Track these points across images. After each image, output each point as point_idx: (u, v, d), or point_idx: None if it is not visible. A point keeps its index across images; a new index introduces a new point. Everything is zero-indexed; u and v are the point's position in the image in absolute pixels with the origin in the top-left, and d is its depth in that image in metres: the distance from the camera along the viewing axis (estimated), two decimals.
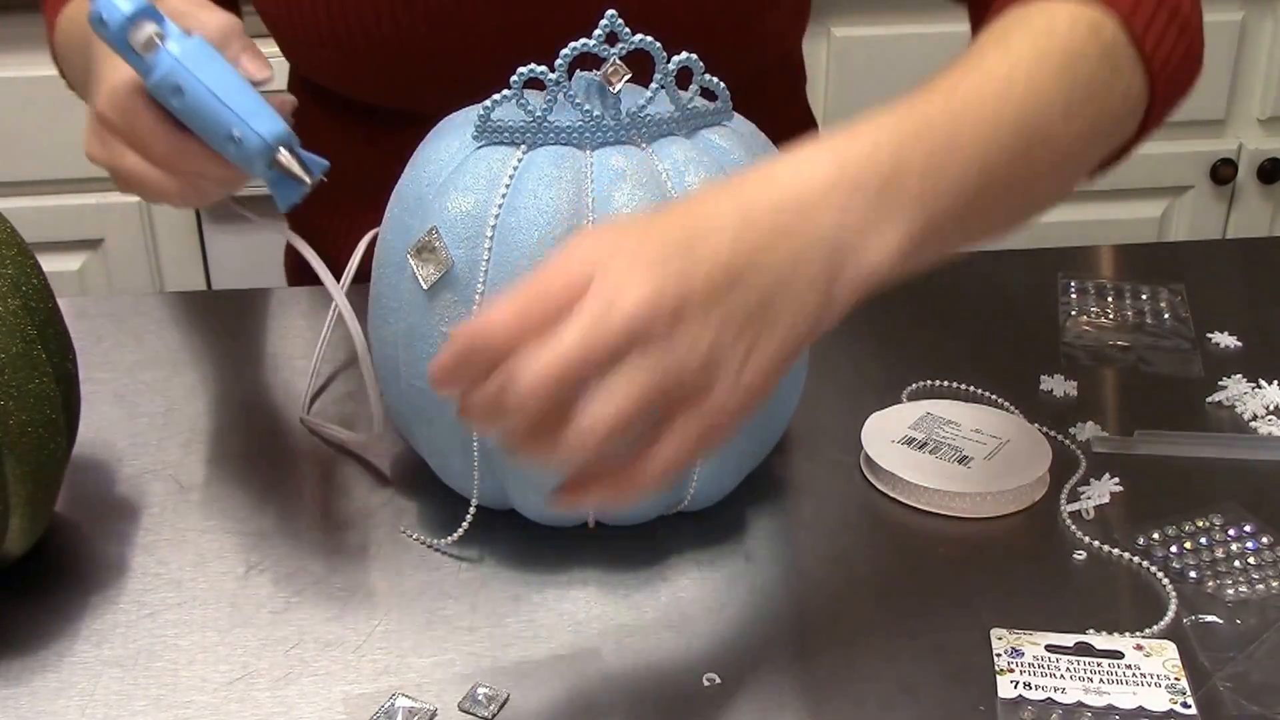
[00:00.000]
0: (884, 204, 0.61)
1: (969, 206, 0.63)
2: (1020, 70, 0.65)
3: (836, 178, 0.60)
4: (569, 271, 0.57)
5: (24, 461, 0.70)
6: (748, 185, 0.61)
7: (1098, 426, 0.88)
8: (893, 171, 0.61)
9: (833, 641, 0.71)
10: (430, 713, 0.66)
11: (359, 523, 0.80)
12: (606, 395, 0.56)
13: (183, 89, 0.70)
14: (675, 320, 0.56)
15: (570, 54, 0.70)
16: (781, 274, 0.58)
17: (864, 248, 0.60)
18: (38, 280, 0.73)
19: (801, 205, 0.60)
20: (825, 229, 0.60)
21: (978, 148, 0.63)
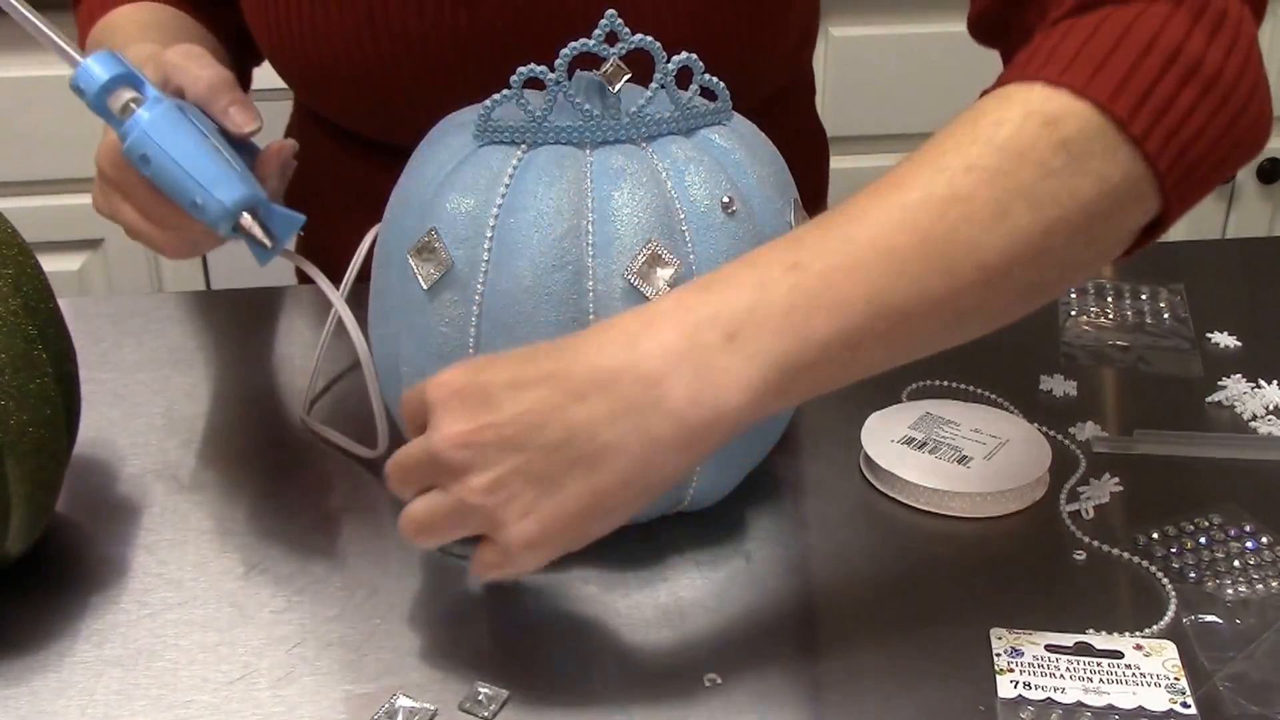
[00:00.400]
0: (732, 349, 0.60)
1: (858, 333, 0.61)
2: (939, 181, 0.62)
3: (668, 340, 0.61)
4: (420, 399, 0.64)
5: (24, 461, 0.70)
6: (586, 344, 0.63)
7: (1098, 426, 0.88)
8: (746, 314, 0.60)
9: (833, 641, 0.71)
10: (431, 713, 0.66)
11: (359, 522, 0.80)
12: (415, 504, 0.65)
13: (149, 158, 0.72)
14: (471, 458, 0.62)
15: (570, 54, 0.70)
16: (581, 434, 0.61)
17: (700, 400, 0.60)
18: (38, 280, 0.73)
19: (623, 369, 0.61)
20: (650, 393, 0.60)
21: (860, 274, 0.61)
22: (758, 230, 0.74)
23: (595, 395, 0.61)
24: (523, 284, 0.70)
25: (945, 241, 0.61)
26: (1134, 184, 0.64)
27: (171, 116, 0.73)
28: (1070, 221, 0.63)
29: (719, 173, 0.73)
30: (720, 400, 0.60)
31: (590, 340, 0.62)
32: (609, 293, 0.70)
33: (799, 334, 0.60)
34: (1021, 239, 0.62)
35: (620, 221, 0.71)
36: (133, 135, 0.72)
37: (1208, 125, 0.64)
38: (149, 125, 0.72)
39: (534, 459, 0.61)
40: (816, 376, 0.62)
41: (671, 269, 0.70)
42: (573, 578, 0.75)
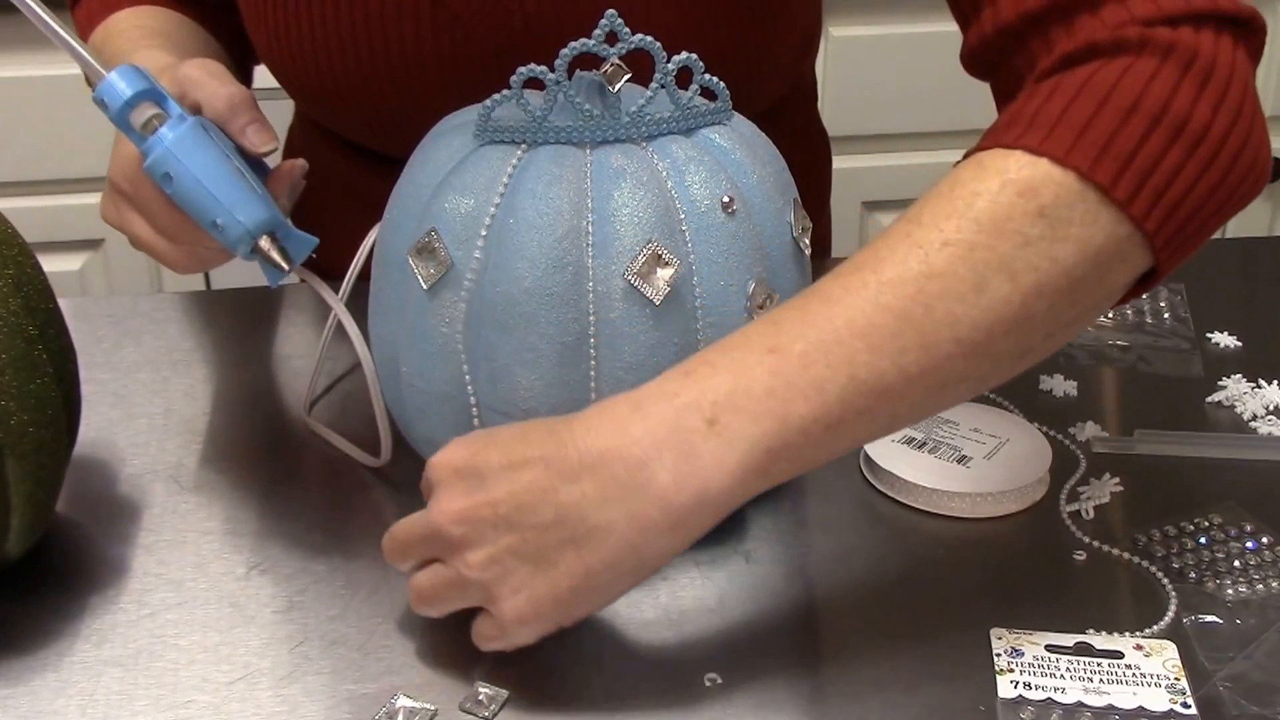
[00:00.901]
0: (713, 434, 0.61)
1: (839, 410, 0.61)
2: (914, 257, 0.62)
3: (653, 425, 0.62)
4: (430, 472, 0.67)
5: (24, 461, 0.70)
6: (573, 422, 0.64)
7: (1098, 426, 0.88)
8: (727, 397, 0.61)
9: (833, 641, 0.71)
10: (431, 713, 0.66)
11: (360, 522, 0.80)
12: (420, 575, 0.68)
13: (171, 176, 0.73)
14: (468, 534, 0.64)
15: (570, 54, 0.70)
16: (571, 515, 0.62)
17: (684, 484, 0.61)
18: (38, 280, 0.73)
19: (608, 454, 0.62)
20: (635, 476, 0.62)
21: (837, 354, 0.61)
22: (758, 230, 0.74)
23: (585, 477, 0.62)
24: (522, 284, 0.70)
25: (922, 318, 0.62)
26: (1118, 245, 0.64)
27: (195, 136, 0.73)
28: (1052, 287, 0.63)
29: (719, 172, 0.73)
30: (704, 484, 0.62)
31: (583, 421, 0.64)
32: (609, 293, 0.70)
33: (778, 416, 0.61)
34: (1000, 309, 0.62)
35: (620, 221, 0.71)
36: (155, 153, 0.73)
37: (1198, 181, 0.64)
38: (174, 145, 0.72)
39: (527, 537, 0.63)
40: (799, 457, 0.63)
41: (671, 269, 0.70)
42: None
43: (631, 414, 0.63)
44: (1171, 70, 0.65)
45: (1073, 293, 0.64)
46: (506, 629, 0.65)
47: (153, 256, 0.80)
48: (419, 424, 0.77)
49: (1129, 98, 0.64)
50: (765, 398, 0.61)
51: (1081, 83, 0.65)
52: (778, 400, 0.61)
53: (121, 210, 0.79)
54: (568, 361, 0.71)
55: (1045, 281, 0.63)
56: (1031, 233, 0.62)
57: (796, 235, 0.76)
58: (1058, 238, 0.62)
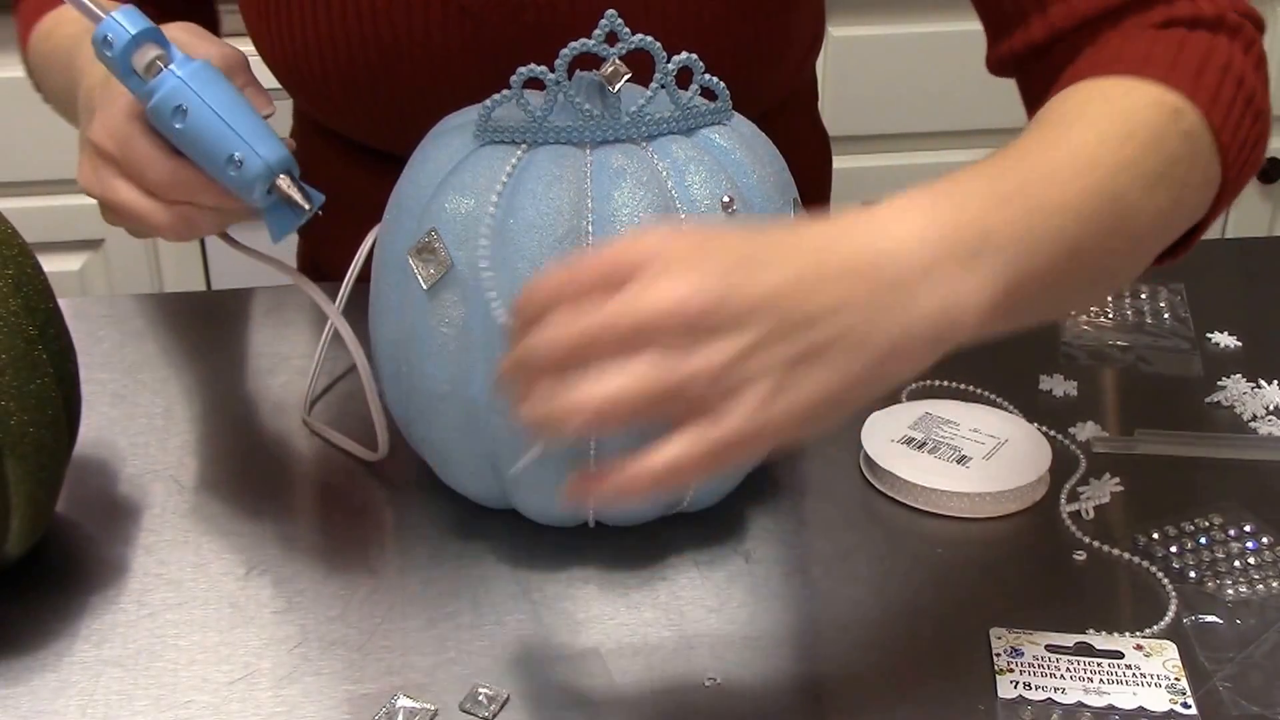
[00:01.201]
0: (975, 266, 0.59)
1: (1053, 275, 0.62)
2: (1107, 146, 0.65)
3: (925, 235, 0.58)
4: (625, 253, 0.56)
5: (24, 461, 0.70)
6: (832, 229, 0.59)
7: (1098, 426, 0.88)
8: (984, 233, 0.60)
9: (832, 641, 0.71)
10: (431, 713, 0.66)
11: (360, 523, 0.80)
12: (604, 378, 0.55)
13: (186, 109, 0.69)
14: (699, 330, 0.55)
15: (570, 54, 0.70)
16: (843, 323, 0.56)
17: (948, 308, 0.58)
18: (38, 280, 0.73)
19: (881, 258, 0.58)
20: (908, 286, 0.58)
21: (1067, 216, 0.62)
22: None
23: (852, 279, 0.57)
24: (523, 284, 0.70)
25: (1115, 205, 0.64)
26: (1211, 184, 0.70)
27: (208, 70, 0.70)
28: (1183, 205, 0.69)
29: (719, 172, 0.73)
30: (962, 313, 0.59)
31: (831, 227, 0.59)
32: None
33: (1022, 265, 0.60)
34: (1157, 214, 0.67)
35: (620, 221, 0.71)
36: (167, 87, 0.69)
37: (1255, 149, 0.72)
38: (189, 77, 0.69)
39: (782, 336, 0.55)
40: (1020, 310, 0.62)
41: None
42: (573, 577, 0.75)
43: (895, 219, 0.59)
44: (1239, 48, 0.72)
45: (1185, 216, 0.70)
46: (743, 441, 0.56)
47: (137, 224, 0.75)
48: (419, 424, 0.77)
49: (1222, 59, 0.70)
50: (1015, 243, 0.60)
51: (1180, 40, 0.71)
52: (1024, 249, 0.60)
53: (103, 175, 0.74)
54: None
55: (1180, 198, 0.68)
56: (1180, 151, 0.67)
57: None
58: (1194, 163, 0.68)
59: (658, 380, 0.55)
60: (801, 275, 0.56)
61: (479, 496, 0.79)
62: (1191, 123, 0.68)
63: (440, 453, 0.77)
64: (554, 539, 0.78)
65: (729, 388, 0.55)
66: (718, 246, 0.57)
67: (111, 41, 0.69)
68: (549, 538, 0.78)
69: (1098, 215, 0.63)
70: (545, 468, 0.73)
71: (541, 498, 0.76)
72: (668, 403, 0.55)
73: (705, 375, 0.55)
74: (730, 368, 0.55)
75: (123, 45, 0.69)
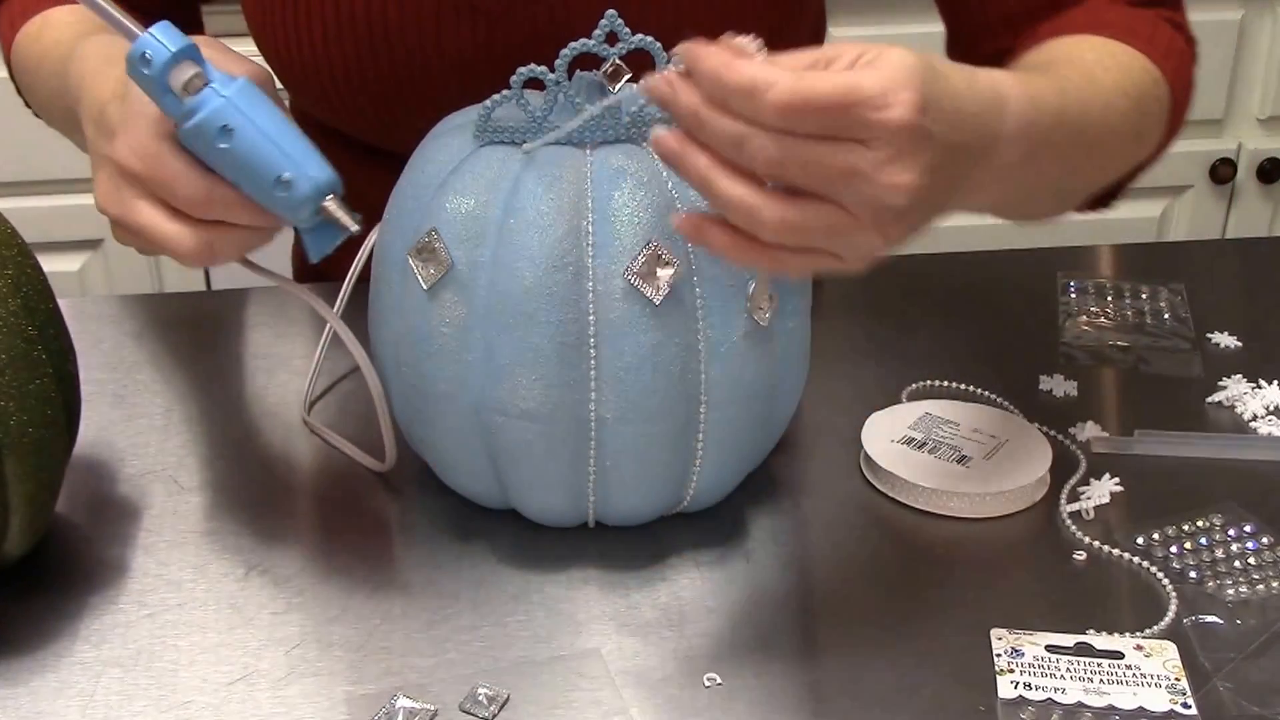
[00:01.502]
0: (1028, 148, 0.69)
1: (1058, 180, 0.77)
2: (1118, 95, 0.80)
3: (1018, 96, 0.68)
4: (863, 98, 0.59)
5: (24, 461, 0.70)
6: (970, 74, 0.66)
7: (1098, 426, 0.88)
8: (1035, 123, 0.69)
9: (832, 641, 0.71)
10: (431, 713, 0.66)
11: (360, 523, 0.80)
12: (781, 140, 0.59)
13: (233, 129, 0.67)
14: (917, 136, 0.59)
15: (570, 54, 0.70)
16: (966, 162, 0.65)
17: (998, 183, 0.69)
18: (38, 280, 0.73)
19: (993, 102, 0.66)
20: (995, 139, 0.66)
21: (1088, 134, 0.76)
22: None
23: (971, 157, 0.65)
24: (523, 284, 0.70)
25: (1114, 136, 0.80)
26: (1152, 146, 0.86)
27: (251, 89, 0.68)
28: (1152, 145, 0.86)
29: None
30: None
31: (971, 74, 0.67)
32: (609, 293, 0.70)
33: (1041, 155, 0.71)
34: (1133, 147, 0.84)
35: (621, 221, 0.71)
36: (211, 107, 0.67)
37: (1178, 126, 0.89)
38: (235, 96, 0.67)
39: (956, 166, 0.63)
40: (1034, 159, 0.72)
41: (672, 269, 0.70)
42: (573, 578, 0.75)
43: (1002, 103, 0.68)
44: (1183, 36, 0.88)
45: (1131, 158, 0.85)
46: (874, 245, 0.62)
47: (158, 247, 0.73)
48: (419, 424, 0.77)
49: (1179, 44, 0.87)
50: (1047, 135, 0.71)
51: (1155, 20, 0.87)
52: (1047, 143, 0.71)
53: (125, 195, 0.72)
54: (568, 361, 0.71)
55: (1139, 140, 0.84)
56: (1151, 107, 0.84)
57: None
58: (1153, 121, 0.84)
59: (848, 163, 0.59)
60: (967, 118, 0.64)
61: (479, 497, 0.79)
62: (1164, 90, 0.84)
63: (440, 453, 0.77)
64: (554, 539, 0.78)
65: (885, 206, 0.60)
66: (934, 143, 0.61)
67: (150, 59, 0.67)
68: (549, 538, 0.78)
69: (1099, 144, 0.79)
70: (545, 468, 0.73)
71: (541, 498, 0.76)
72: (823, 178, 0.59)
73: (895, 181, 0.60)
74: (912, 179, 0.60)
75: (162, 63, 0.67)
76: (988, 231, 1.88)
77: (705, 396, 0.73)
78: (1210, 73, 1.93)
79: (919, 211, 0.62)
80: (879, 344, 0.98)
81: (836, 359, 0.94)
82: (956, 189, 0.65)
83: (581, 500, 0.76)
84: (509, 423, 0.72)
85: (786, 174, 0.59)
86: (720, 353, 0.72)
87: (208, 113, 0.67)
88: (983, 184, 0.67)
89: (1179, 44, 0.87)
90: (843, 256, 0.63)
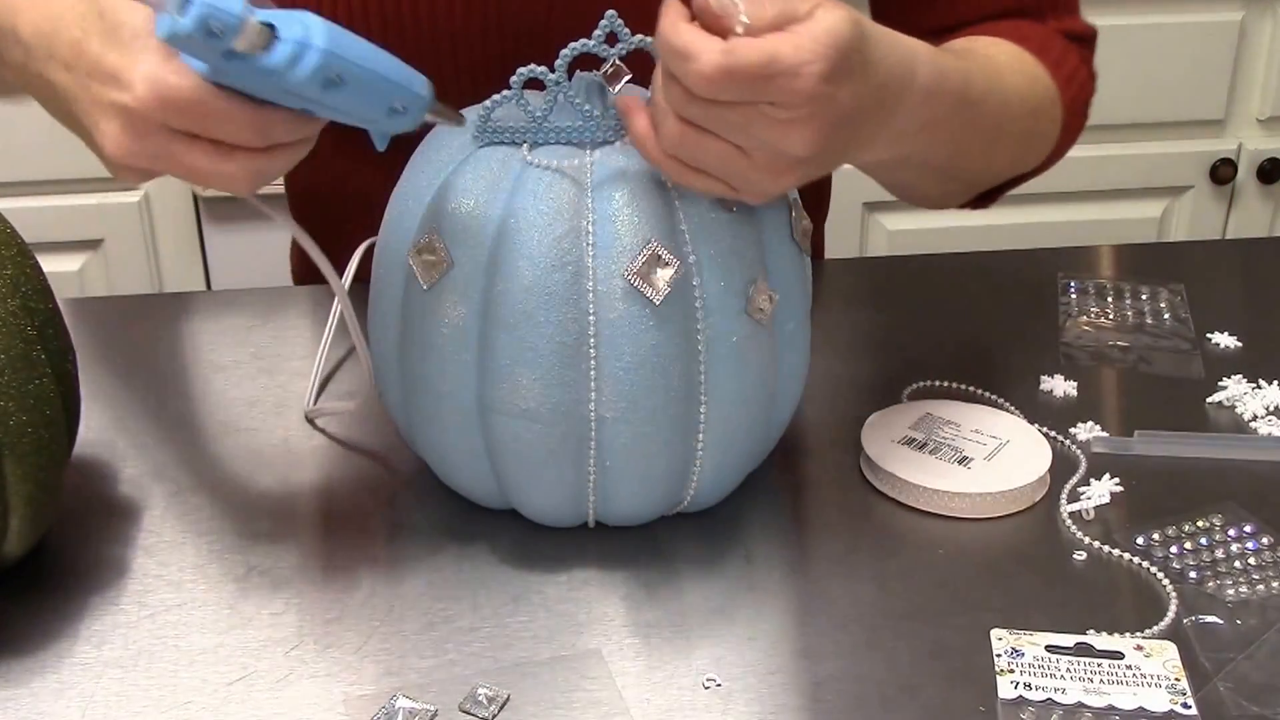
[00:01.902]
0: (928, 117, 0.75)
1: (947, 159, 0.85)
2: (1017, 98, 0.88)
3: (928, 71, 0.74)
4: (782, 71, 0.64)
5: (24, 462, 0.70)
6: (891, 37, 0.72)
7: (1098, 427, 0.88)
8: (937, 95, 0.76)
9: (832, 642, 0.71)
10: (431, 713, 0.66)
11: (359, 524, 0.80)
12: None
13: (342, 80, 0.63)
14: (833, 75, 0.65)
15: (570, 54, 0.70)
16: (871, 118, 0.70)
17: (898, 141, 0.75)
18: (38, 280, 0.73)
19: (905, 71, 0.72)
20: (899, 105, 0.72)
21: (982, 123, 0.83)
22: (758, 229, 0.74)
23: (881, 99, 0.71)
24: (523, 283, 0.70)
25: (1005, 131, 0.88)
26: (1037, 160, 0.95)
27: (333, 30, 0.62)
28: (1036, 155, 0.95)
29: None
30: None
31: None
32: (609, 292, 0.70)
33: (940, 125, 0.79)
34: (1019, 150, 0.93)
35: (620, 221, 0.71)
36: (310, 64, 0.61)
37: (1063, 151, 0.98)
38: (331, 43, 0.61)
39: (857, 114, 0.68)
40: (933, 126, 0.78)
41: (671, 269, 0.70)
42: (573, 578, 0.75)
43: (914, 58, 0.74)
44: (1087, 70, 0.98)
45: (1017, 160, 0.94)
46: (775, 178, 0.68)
47: (206, 184, 0.68)
48: (419, 424, 0.77)
49: (1084, 75, 0.96)
50: (946, 112, 0.78)
51: (1067, 47, 0.95)
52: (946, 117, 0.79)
53: (157, 142, 0.65)
54: (568, 361, 0.71)
55: (1026, 146, 0.93)
56: (1046, 124, 0.93)
57: (796, 236, 0.76)
58: (1043, 136, 0.94)
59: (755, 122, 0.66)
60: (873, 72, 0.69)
61: (479, 496, 0.79)
62: (1057, 111, 0.93)
63: (440, 453, 0.77)
64: (554, 539, 0.78)
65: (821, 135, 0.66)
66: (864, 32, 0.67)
67: (221, 32, 0.60)
68: (549, 538, 0.78)
69: (995, 117, 0.85)
70: (545, 468, 0.73)
71: (542, 498, 0.76)
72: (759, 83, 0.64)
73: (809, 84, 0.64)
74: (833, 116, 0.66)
75: (234, 29, 0.60)
76: (988, 232, 1.88)
77: (705, 396, 0.73)
78: (1211, 73, 1.94)
79: (814, 163, 0.68)
80: (879, 344, 0.98)
81: (836, 359, 0.94)
82: (853, 146, 0.70)
83: (582, 500, 0.76)
84: (509, 422, 0.72)
85: (695, 118, 0.66)
86: (720, 353, 0.72)
87: (309, 71, 0.62)
88: (877, 142, 0.73)
89: (1083, 75, 0.96)
90: (737, 189, 0.69)
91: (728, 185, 0.69)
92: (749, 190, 0.69)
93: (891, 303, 1.04)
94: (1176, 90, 1.93)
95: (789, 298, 0.75)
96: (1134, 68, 1.90)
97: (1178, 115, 1.95)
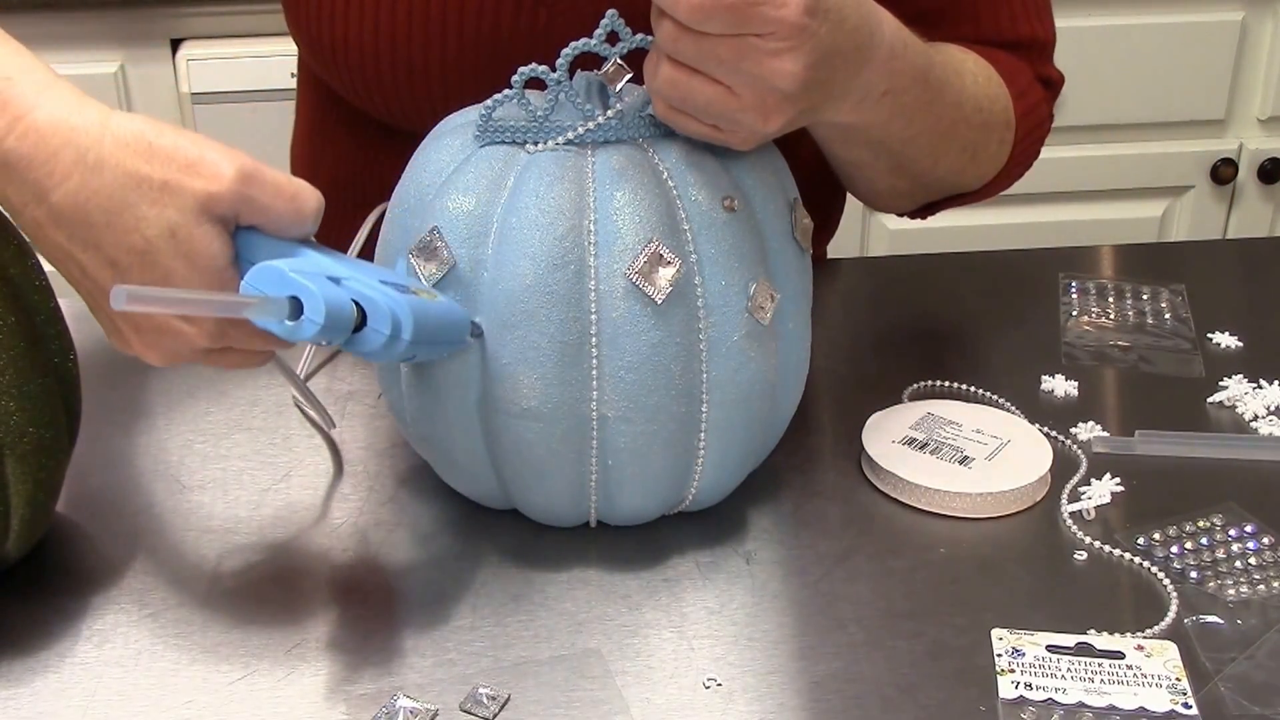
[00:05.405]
0: (889, 82, 0.79)
1: (900, 142, 0.86)
2: (974, 105, 0.89)
3: (893, 32, 0.78)
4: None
5: (24, 461, 0.70)
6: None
7: (1098, 426, 0.88)
8: (900, 57, 0.79)
9: (833, 641, 0.71)
10: (431, 713, 0.66)
11: (360, 523, 0.80)
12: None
13: (416, 353, 0.66)
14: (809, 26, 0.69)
15: (571, 54, 0.70)
16: (849, 68, 0.75)
17: (863, 101, 0.78)
18: (38, 280, 0.73)
19: (874, 24, 0.76)
20: (869, 56, 0.76)
21: (937, 109, 0.85)
22: (759, 228, 0.74)
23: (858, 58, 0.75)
24: (524, 282, 0.70)
25: (956, 131, 0.90)
26: (981, 181, 0.96)
27: (411, 307, 0.64)
28: (980, 174, 0.95)
29: (720, 173, 0.73)
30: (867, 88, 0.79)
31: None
32: (611, 291, 0.70)
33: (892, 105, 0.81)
34: (965, 160, 0.93)
35: (622, 220, 0.71)
36: (396, 349, 0.63)
37: (1007, 184, 0.99)
38: (413, 337, 0.64)
39: (833, 73, 0.73)
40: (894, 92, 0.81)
41: (673, 268, 0.70)
42: (573, 578, 0.75)
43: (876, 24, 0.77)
44: (1048, 109, 0.99)
45: (961, 175, 0.94)
46: (765, 121, 0.72)
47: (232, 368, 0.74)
48: (419, 423, 0.77)
49: (1044, 114, 0.98)
50: (907, 83, 0.81)
51: (1033, 82, 0.97)
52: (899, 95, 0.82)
53: (199, 359, 0.72)
54: (569, 360, 0.71)
55: (974, 159, 0.93)
56: (994, 144, 0.94)
57: (797, 235, 0.76)
58: (998, 158, 0.95)
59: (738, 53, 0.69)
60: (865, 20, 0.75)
61: (480, 497, 0.79)
62: (1008, 136, 0.94)
63: (442, 452, 0.77)
64: (554, 539, 0.78)
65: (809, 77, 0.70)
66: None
67: (325, 329, 0.61)
68: (549, 538, 0.78)
69: (950, 113, 0.87)
70: (547, 467, 0.73)
71: (543, 497, 0.76)
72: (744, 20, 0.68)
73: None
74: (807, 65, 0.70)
75: (317, 331, 0.61)
76: (988, 232, 1.88)
77: (706, 396, 0.73)
78: (1211, 73, 1.94)
79: (796, 102, 0.71)
80: (880, 344, 0.98)
81: (837, 359, 0.94)
82: (829, 94, 0.74)
83: (583, 500, 0.76)
84: (510, 422, 0.72)
85: (685, 56, 0.69)
86: (721, 352, 0.72)
87: (395, 358, 0.65)
88: (849, 95, 0.77)
89: (1043, 113, 0.98)
90: (723, 131, 0.72)
91: (715, 129, 0.72)
92: (736, 133, 0.72)
93: (892, 303, 1.04)
94: (1177, 90, 1.93)
95: (790, 297, 0.75)
96: (1135, 68, 1.90)
97: (1179, 115, 1.95)
